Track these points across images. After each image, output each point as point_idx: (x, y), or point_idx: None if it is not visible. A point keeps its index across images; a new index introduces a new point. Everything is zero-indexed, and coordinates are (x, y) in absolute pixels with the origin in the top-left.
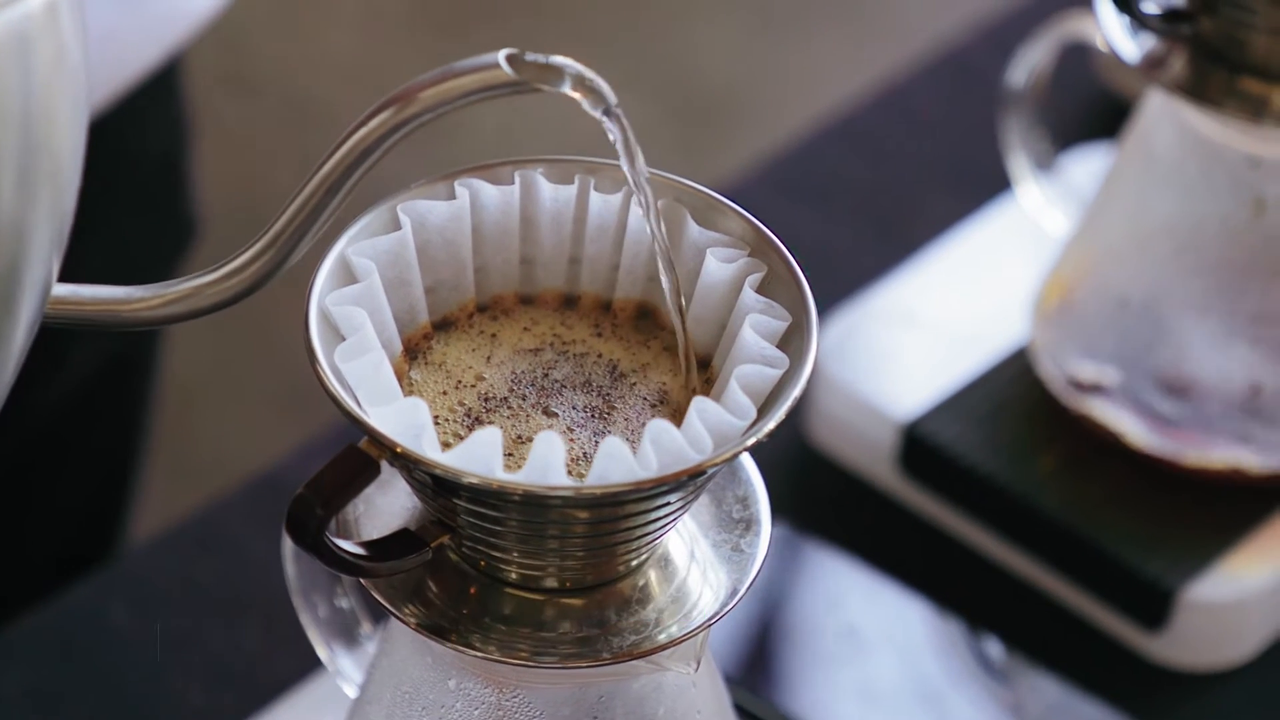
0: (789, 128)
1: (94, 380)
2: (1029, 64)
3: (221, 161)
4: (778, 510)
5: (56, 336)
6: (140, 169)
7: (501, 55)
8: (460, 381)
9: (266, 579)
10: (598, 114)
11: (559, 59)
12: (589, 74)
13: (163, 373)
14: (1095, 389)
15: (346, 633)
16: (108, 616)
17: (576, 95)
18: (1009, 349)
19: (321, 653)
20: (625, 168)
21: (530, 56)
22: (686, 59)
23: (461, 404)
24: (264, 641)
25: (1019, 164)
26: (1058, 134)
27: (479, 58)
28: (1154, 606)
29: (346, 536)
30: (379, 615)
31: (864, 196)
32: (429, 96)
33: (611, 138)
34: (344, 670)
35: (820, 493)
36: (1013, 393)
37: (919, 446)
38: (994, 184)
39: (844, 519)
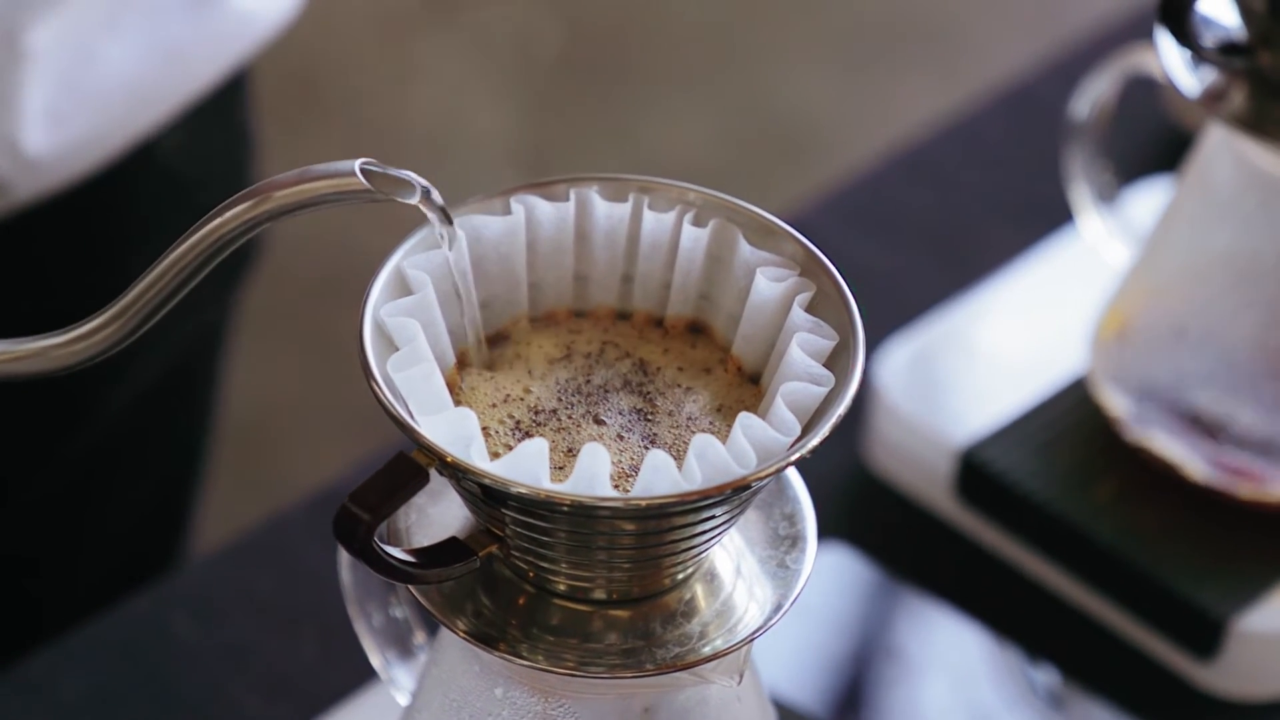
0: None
1: (155, 392)
2: (1092, 96)
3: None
4: (835, 533)
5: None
6: (204, 183)
7: (356, 164)
8: (509, 395)
9: (324, 591)
10: (440, 227)
11: (406, 174)
12: (437, 196)
13: (231, 389)
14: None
15: (400, 642)
16: (168, 625)
17: (424, 209)
18: (1067, 379)
19: (375, 661)
20: (457, 280)
21: (381, 169)
22: (774, 97)
23: (511, 416)
24: (320, 652)
25: (1081, 195)
26: (1124, 167)
27: (335, 164)
28: (1205, 636)
29: (397, 545)
30: (432, 625)
31: (929, 226)
32: (283, 196)
33: (448, 252)
34: (397, 679)
35: (877, 517)
36: (1070, 422)
37: (976, 473)
38: (1058, 215)
39: (900, 544)
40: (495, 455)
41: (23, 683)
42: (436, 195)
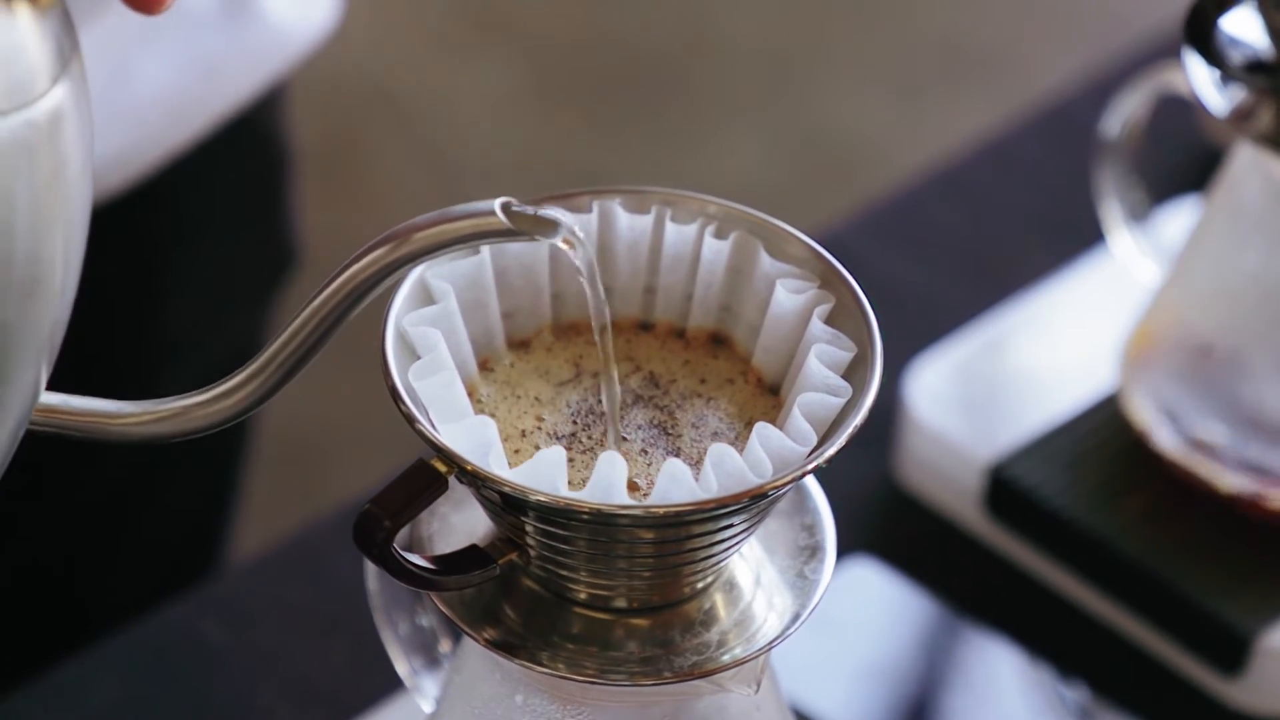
0: None
1: None
2: (1123, 115)
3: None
4: (864, 547)
5: (151, 361)
6: (240, 199)
7: (497, 204)
8: (524, 430)
9: (355, 600)
10: (581, 265)
11: (549, 211)
12: (577, 229)
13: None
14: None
15: (426, 650)
16: (201, 633)
17: (564, 247)
18: (1097, 395)
19: (400, 669)
20: (593, 315)
21: (519, 207)
22: (829, 120)
23: (535, 447)
24: (350, 660)
25: (1112, 213)
26: (1158, 186)
27: (475, 204)
28: (1232, 652)
29: (420, 552)
30: (457, 634)
31: (962, 243)
32: (423, 238)
33: (587, 289)
34: (423, 687)
35: (907, 532)
36: (1099, 438)
37: (1005, 489)
38: (1091, 234)
39: (929, 558)
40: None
41: (55, 689)
42: (579, 232)
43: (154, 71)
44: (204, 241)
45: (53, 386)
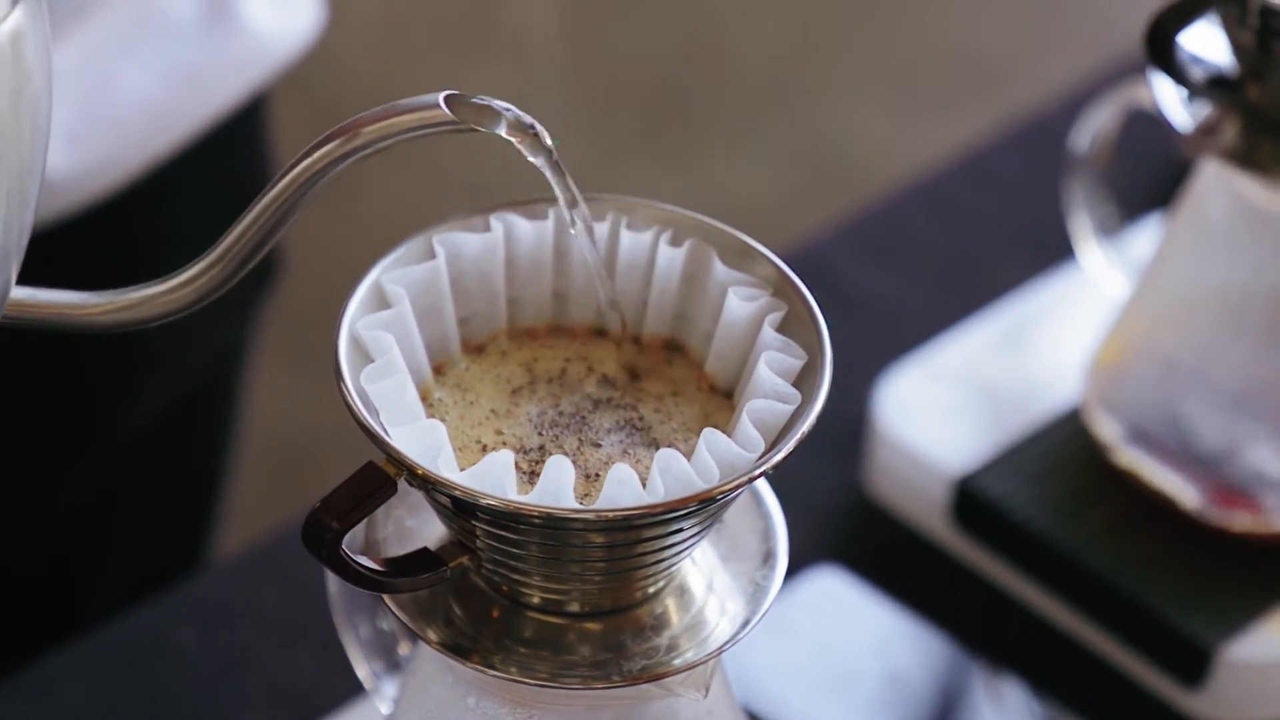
0: None
1: (175, 409)
2: (1092, 129)
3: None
4: (832, 557)
5: (130, 368)
6: (222, 207)
7: (441, 96)
8: (485, 444)
9: (324, 604)
10: (534, 158)
11: (497, 102)
12: (526, 118)
13: (264, 407)
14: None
15: (386, 654)
16: (172, 637)
17: (512, 139)
18: (1064, 409)
19: (360, 671)
20: (563, 206)
21: (467, 98)
22: (835, 136)
23: (499, 433)
24: (320, 664)
25: (1081, 227)
26: (1131, 201)
27: (420, 97)
28: (1193, 664)
29: (375, 555)
30: (415, 637)
31: (936, 256)
32: (371, 131)
33: (549, 176)
34: (383, 690)
35: (874, 542)
36: (1065, 451)
37: (971, 501)
38: (1065, 247)
39: (896, 569)
40: None
41: (25, 690)
42: (526, 118)
43: (136, 80)
44: (185, 249)
45: (35, 386)
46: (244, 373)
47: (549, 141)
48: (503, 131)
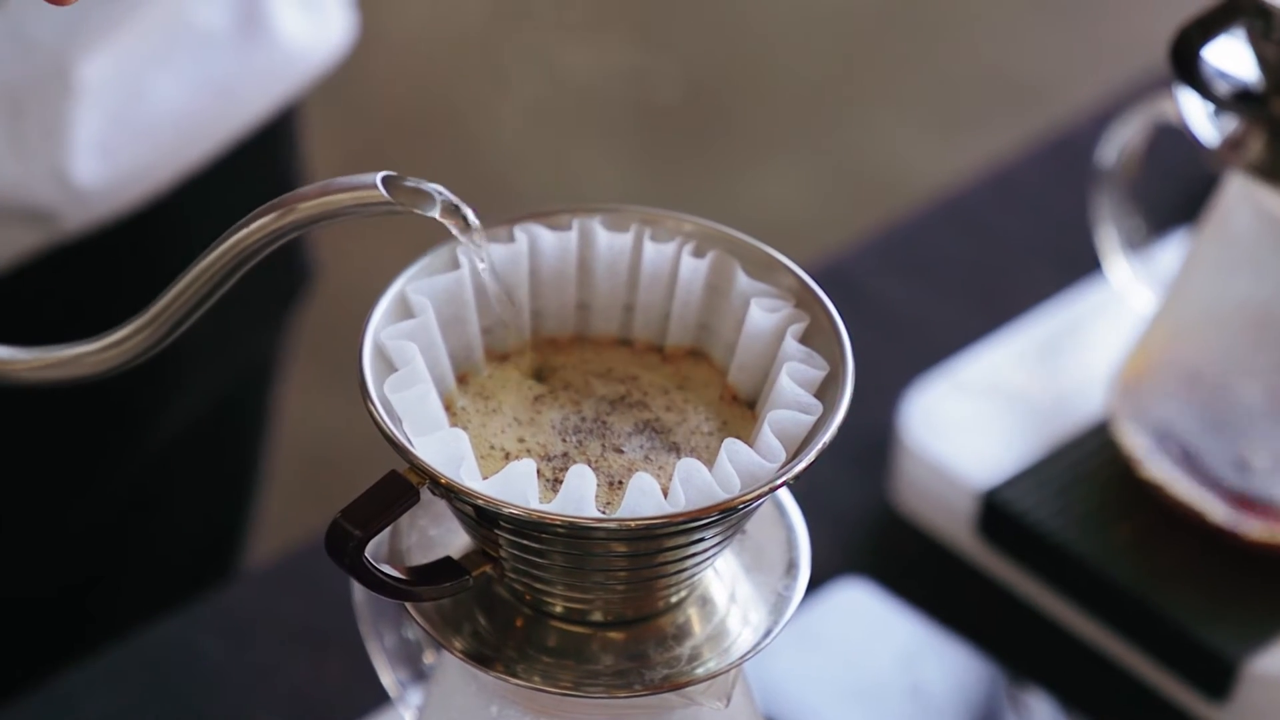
0: None
1: (205, 421)
2: (1119, 144)
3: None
4: (859, 569)
5: (160, 380)
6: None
7: (378, 177)
8: (508, 453)
9: (350, 614)
10: (463, 238)
11: (430, 185)
12: (456, 200)
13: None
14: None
15: (411, 663)
16: (197, 646)
17: (445, 221)
18: (1090, 422)
19: (386, 680)
20: (490, 288)
21: (405, 181)
22: (874, 153)
23: (521, 440)
24: (346, 674)
25: (1108, 241)
26: (1160, 215)
27: (358, 177)
28: (1218, 677)
29: (398, 564)
30: (440, 646)
31: (963, 271)
32: (307, 208)
33: (479, 262)
34: (408, 699)
35: (901, 555)
36: (1091, 465)
37: (998, 514)
38: (1092, 262)
39: (922, 580)
40: None
41: (53, 699)
42: (461, 205)
43: (168, 91)
44: None
45: (64, 399)
46: (276, 384)
47: (476, 222)
48: (436, 214)
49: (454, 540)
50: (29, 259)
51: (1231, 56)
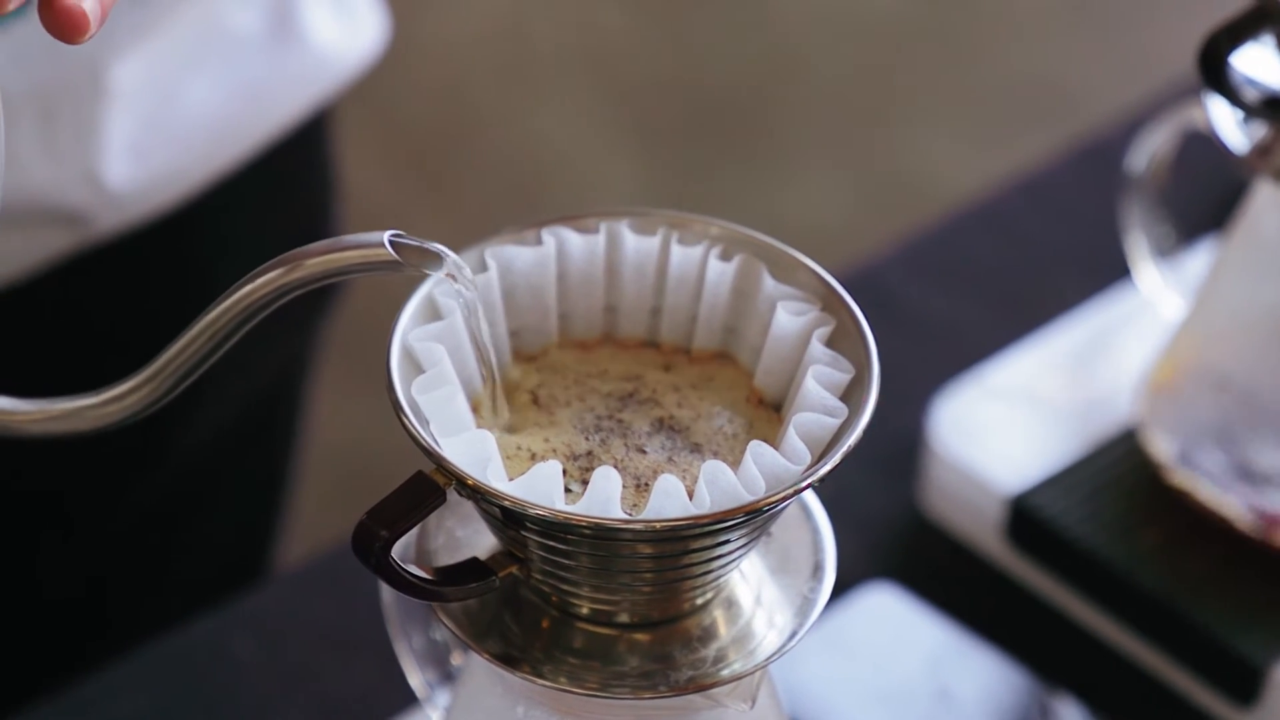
0: None
1: (238, 424)
2: (1148, 151)
3: (367, 217)
4: (887, 573)
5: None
6: (284, 221)
7: (385, 236)
8: (535, 454)
9: (379, 617)
10: (459, 301)
11: (435, 246)
12: (459, 261)
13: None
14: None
15: (439, 664)
16: (230, 648)
17: (448, 279)
18: (1118, 428)
19: (413, 680)
20: (485, 342)
21: (406, 240)
22: (906, 160)
23: (546, 440)
24: (376, 676)
25: (1137, 248)
26: (1190, 222)
27: (364, 235)
28: (1245, 683)
29: (426, 565)
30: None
31: (992, 277)
32: (313, 265)
33: (461, 323)
34: (436, 699)
35: (929, 559)
36: (1119, 471)
37: (1026, 519)
38: (1122, 268)
39: (950, 585)
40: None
41: (84, 700)
42: (466, 271)
43: (200, 94)
44: (247, 263)
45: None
46: (308, 387)
47: (472, 289)
48: (442, 273)
49: (481, 541)
50: (61, 261)
51: (1260, 63)
